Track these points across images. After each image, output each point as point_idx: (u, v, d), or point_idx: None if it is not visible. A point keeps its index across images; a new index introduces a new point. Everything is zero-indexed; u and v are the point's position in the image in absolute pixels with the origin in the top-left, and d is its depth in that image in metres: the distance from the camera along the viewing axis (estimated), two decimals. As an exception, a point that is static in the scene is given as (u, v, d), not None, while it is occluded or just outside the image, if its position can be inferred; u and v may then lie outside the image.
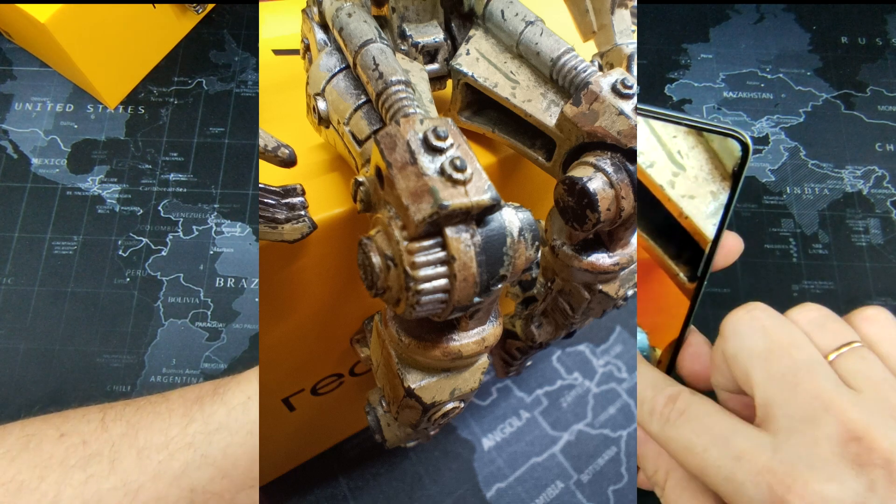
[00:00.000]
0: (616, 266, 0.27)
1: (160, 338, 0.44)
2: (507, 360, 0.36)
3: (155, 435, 0.27)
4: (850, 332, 0.25)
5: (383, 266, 0.20)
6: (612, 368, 0.54)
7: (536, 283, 0.33)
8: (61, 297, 0.45)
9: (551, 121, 0.26)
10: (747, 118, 0.51)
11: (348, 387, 0.39)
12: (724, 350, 0.26)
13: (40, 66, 0.51)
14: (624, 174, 0.23)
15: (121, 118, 0.50)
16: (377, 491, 0.46)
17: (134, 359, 0.43)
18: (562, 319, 0.31)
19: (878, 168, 0.50)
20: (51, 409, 0.29)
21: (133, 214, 0.47)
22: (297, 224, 0.24)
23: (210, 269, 0.46)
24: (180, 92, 0.51)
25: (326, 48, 0.27)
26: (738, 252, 0.29)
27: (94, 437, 0.27)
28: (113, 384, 0.43)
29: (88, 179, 0.48)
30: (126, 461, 0.26)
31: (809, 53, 0.53)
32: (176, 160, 0.49)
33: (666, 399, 0.26)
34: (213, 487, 0.27)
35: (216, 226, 0.47)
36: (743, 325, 0.25)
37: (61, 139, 0.49)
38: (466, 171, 0.19)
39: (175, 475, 0.26)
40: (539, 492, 0.47)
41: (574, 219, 0.24)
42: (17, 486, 0.25)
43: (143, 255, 0.46)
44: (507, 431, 0.50)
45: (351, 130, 0.25)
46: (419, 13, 0.28)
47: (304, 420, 0.39)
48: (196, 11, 0.51)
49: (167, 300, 0.45)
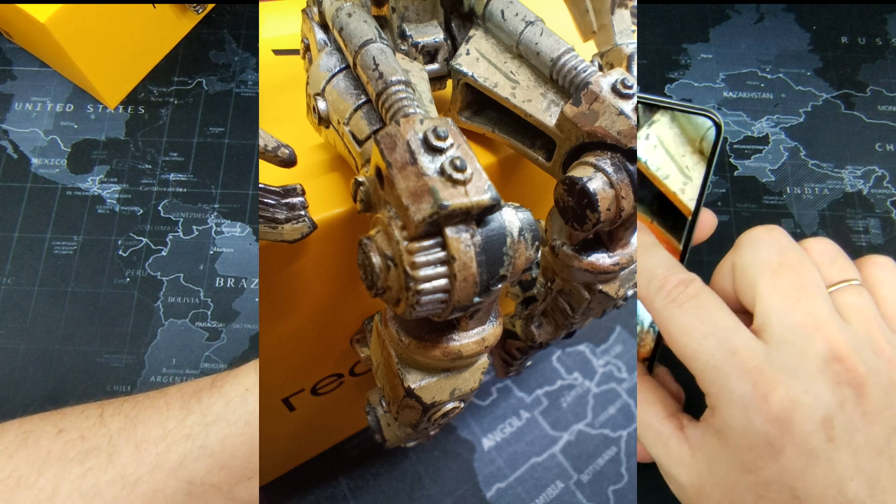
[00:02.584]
0: (616, 266, 0.27)
1: (160, 338, 0.44)
2: (507, 360, 0.36)
3: (153, 428, 0.27)
4: (854, 271, 0.27)
5: (383, 266, 0.20)
6: (612, 368, 0.54)
7: (536, 283, 0.33)
8: (61, 297, 0.45)
9: (551, 121, 0.26)
10: (747, 118, 0.51)
11: (348, 387, 0.39)
12: (737, 260, 0.27)
13: (40, 66, 0.51)
14: (624, 174, 0.23)
15: (121, 118, 0.50)
16: (377, 491, 0.46)
17: (134, 359, 0.44)
18: (562, 319, 0.31)
19: (878, 168, 0.50)
20: (50, 409, 0.29)
21: (133, 214, 0.47)
22: (297, 224, 0.24)
23: (210, 269, 0.46)
24: (180, 92, 0.51)
25: (326, 48, 0.27)
26: (713, 227, 0.31)
27: (93, 432, 0.27)
28: (113, 384, 0.43)
29: (88, 179, 0.48)
30: (124, 454, 0.26)
31: (809, 53, 0.53)
32: (176, 160, 0.49)
33: (678, 281, 0.27)
34: (211, 479, 0.27)
35: (216, 226, 0.47)
36: (762, 240, 0.27)
37: (61, 139, 0.49)
38: (466, 171, 0.19)
39: (173, 467, 0.26)
40: (539, 492, 0.47)
41: (574, 219, 0.24)
42: (15, 481, 0.25)
43: (143, 255, 0.46)
44: (507, 431, 0.50)
45: (351, 130, 0.25)
46: (419, 13, 0.28)
47: (304, 420, 0.39)
48: (196, 11, 0.51)
49: (167, 300, 0.45)
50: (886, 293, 0.27)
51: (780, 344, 0.25)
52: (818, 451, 0.23)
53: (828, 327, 0.24)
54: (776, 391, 0.24)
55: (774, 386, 0.24)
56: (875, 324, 0.25)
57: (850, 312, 0.26)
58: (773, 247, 0.27)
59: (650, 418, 0.28)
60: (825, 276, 0.26)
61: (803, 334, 0.24)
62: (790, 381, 0.24)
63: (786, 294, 0.25)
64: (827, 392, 0.24)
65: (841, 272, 0.27)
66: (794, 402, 0.23)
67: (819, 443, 0.23)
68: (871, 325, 0.25)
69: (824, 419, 0.23)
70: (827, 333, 0.24)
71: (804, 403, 0.23)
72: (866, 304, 0.26)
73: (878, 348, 0.25)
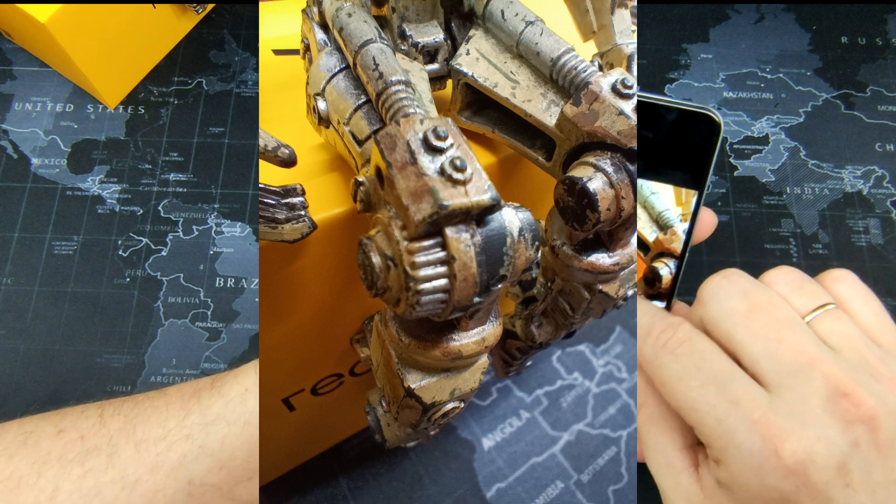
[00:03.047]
0: (616, 266, 0.27)
1: (160, 338, 0.44)
2: (507, 360, 0.36)
3: (153, 428, 0.27)
4: (824, 294, 0.26)
5: (383, 266, 0.20)
6: (612, 368, 0.54)
7: (536, 283, 0.33)
8: (61, 297, 0.45)
9: (551, 121, 0.26)
10: (747, 118, 0.51)
11: (348, 387, 0.39)
12: (704, 314, 0.26)
13: (40, 66, 0.51)
14: (624, 174, 0.23)
15: (121, 118, 0.50)
16: (377, 491, 0.46)
17: (134, 359, 0.43)
18: (562, 319, 0.31)
19: (878, 168, 0.50)
20: (50, 409, 0.29)
21: (133, 214, 0.47)
22: (297, 224, 0.24)
23: (210, 269, 0.46)
24: (180, 92, 0.51)
25: (326, 48, 0.27)
26: (713, 227, 0.30)
27: (92, 433, 0.27)
28: (113, 384, 0.43)
29: (88, 179, 0.48)
30: (124, 454, 0.26)
31: (809, 53, 0.53)
32: (176, 160, 0.49)
33: (666, 325, 0.26)
34: (211, 479, 0.27)
35: (216, 226, 0.47)
36: (722, 289, 0.25)
37: (61, 139, 0.49)
38: (466, 171, 0.19)
39: (172, 466, 0.26)
40: (539, 492, 0.47)
41: (574, 219, 0.24)
42: (15, 482, 0.25)
43: (143, 255, 0.46)
44: (507, 431, 0.50)
45: (351, 130, 0.25)
46: (419, 13, 0.28)
47: (304, 420, 0.39)
48: (196, 11, 0.51)
49: (167, 300, 0.45)
50: (858, 308, 0.26)
51: (780, 389, 0.23)
52: (836, 500, 0.22)
53: (821, 362, 0.23)
54: (787, 444, 0.22)
55: (784, 438, 0.22)
56: (863, 345, 0.24)
57: (836, 339, 0.24)
58: (736, 294, 0.25)
59: (664, 444, 0.26)
60: (798, 307, 0.25)
61: (799, 374, 0.23)
62: (800, 429, 0.22)
63: (766, 337, 0.24)
64: (839, 435, 0.22)
65: (812, 299, 0.25)
66: (808, 452, 0.22)
67: (836, 491, 0.22)
68: (861, 348, 0.24)
69: (839, 465, 0.22)
70: (822, 369, 0.23)
71: (818, 452, 0.22)
72: (848, 327, 0.25)
73: (876, 372, 0.23)
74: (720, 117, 0.28)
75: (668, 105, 0.28)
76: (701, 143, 0.29)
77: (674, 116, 0.29)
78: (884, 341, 0.25)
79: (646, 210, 0.30)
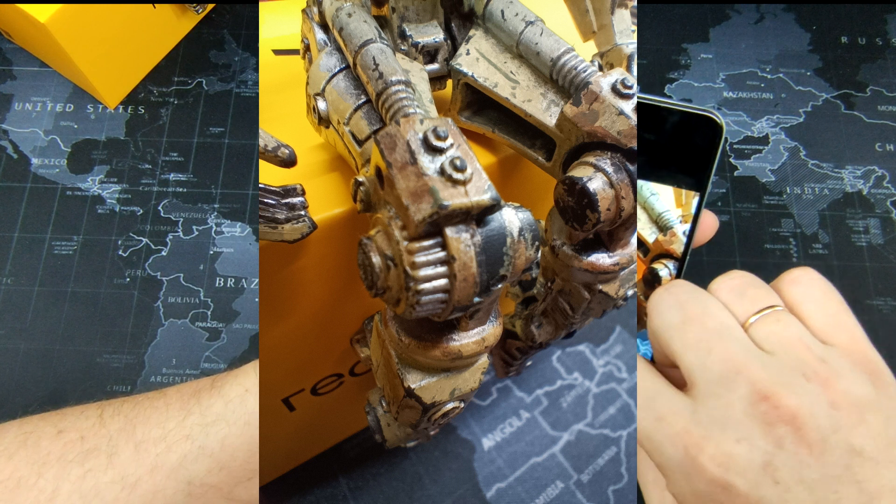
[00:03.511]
0: (616, 266, 0.27)
1: (160, 338, 0.44)
2: (507, 360, 0.36)
3: (152, 428, 0.27)
4: (770, 297, 0.26)
5: (383, 266, 0.20)
6: (612, 368, 0.54)
7: (536, 283, 0.33)
8: (61, 297, 0.45)
9: (551, 121, 0.26)
10: (747, 118, 0.51)
11: (348, 387, 0.39)
12: (649, 326, 0.27)
13: (40, 66, 0.51)
14: (624, 174, 0.23)
15: (121, 118, 0.50)
16: (377, 491, 0.46)
17: (134, 359, 0.43)
18: (562, 319, 0.31)
19: (878, 168, 0.50)
20: (50, 409, 0.29)
21: (133, 214, 0.47)
22: (297, 224, 0.24)
23: (210, 269, 0.46)
24: (180, 92, 0.51)
25: (326, 48, 0.27)
26: (714, 229, 0.30)
27: (92, 433, 0.27)
28: (113, 384, 0.43)
29: (88, 179, 0.48)
30: (124, 455, 0.26)
31: (809, 53, 0.53)
32: (176, 160, 0.49)
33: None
34: (211, 480, 0.27)
35: (216, 226, 0.47)
36: (663, 303, 0.26)
37: (61, 139, 0.49)
38: (466, 171, 0.19)
39: (172, 467, 0.26)
40: (539, 492, 0.47)
41: (574, 219, 0.24)
42: (15, 482, 0.25)
43: (143, 255, 0.46)
44: (507, 431, 0.50)
45: (351, 130, 0.25)
46: (419, 13, 0.28)
47: (304, 420, 0.39)
48: (196, 11, 0.51)
49: (167, 300, 0.45)
50: (811, 309, 0.25)
51: (705, 398, 0.24)
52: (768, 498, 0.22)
53: (748, 367, 0.23)
54: (706, 450, 0.23)
55: (702, 446, 0.23)
56: (802, 346, 0.24)
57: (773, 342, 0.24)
58: (672, 306, 0.25)
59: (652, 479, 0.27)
60: (738, 313, 0.25)
61: (725, 382, 0.23)
62: (719, 435, 0.23)
63: (697, 347, 0.24)
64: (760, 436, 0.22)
65: (754, 303, 0.25)
66: (728, 455, 0.22)
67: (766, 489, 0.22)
68: (798, 348, 0.24)
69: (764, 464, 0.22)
70: (748, 374, 0.23)
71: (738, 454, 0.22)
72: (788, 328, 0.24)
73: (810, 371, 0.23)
74: (723, 120, 0.28)
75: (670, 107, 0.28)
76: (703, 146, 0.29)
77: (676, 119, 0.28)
78: (836, 341, 0.25)
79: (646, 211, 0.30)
